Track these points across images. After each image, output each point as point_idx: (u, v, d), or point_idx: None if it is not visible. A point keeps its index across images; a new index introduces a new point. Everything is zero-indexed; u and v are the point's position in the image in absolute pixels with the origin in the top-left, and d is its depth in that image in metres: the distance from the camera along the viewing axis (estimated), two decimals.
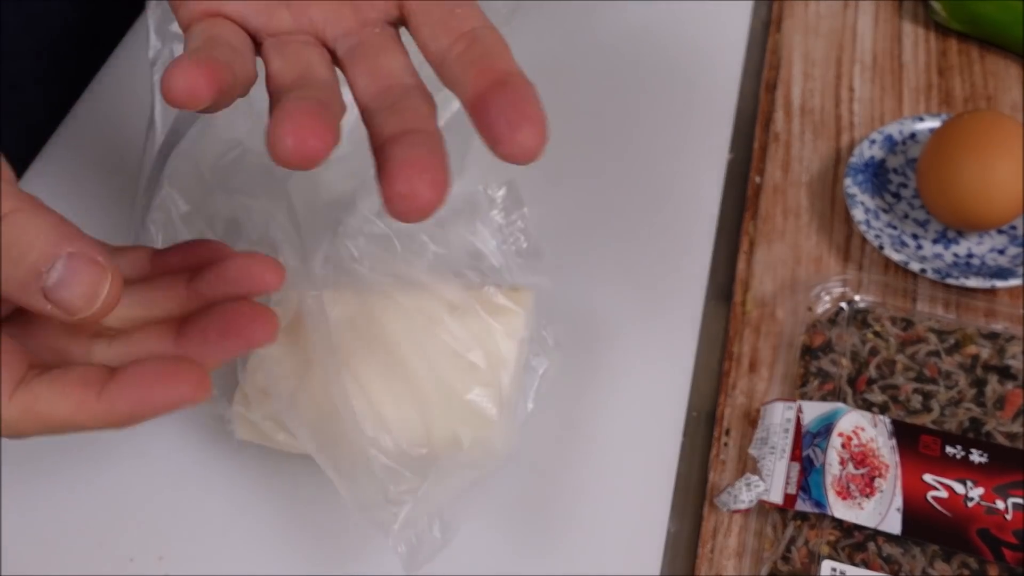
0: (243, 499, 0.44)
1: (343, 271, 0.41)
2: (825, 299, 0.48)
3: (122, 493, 0.45)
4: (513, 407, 0.41)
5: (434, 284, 0.41)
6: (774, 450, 0.43)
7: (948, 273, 0.48)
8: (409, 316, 0.41)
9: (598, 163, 0.56)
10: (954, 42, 0.60)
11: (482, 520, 0.43)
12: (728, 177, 0.55)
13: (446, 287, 0.41)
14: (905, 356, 0.46)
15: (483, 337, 0.41)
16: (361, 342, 0.40)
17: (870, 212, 0.51)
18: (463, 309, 0.41)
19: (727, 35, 0.61)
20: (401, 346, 0.40)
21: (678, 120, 0.57)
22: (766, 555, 0.41)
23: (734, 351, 0.48)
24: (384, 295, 0.41)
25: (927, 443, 0.42)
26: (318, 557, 0.43)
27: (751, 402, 0.46)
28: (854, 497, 0.41)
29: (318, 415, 0.39)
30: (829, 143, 0.56)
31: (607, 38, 0.62)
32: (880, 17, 0.62)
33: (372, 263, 0.41)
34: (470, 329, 0.41)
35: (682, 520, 0.43)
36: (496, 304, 0.42)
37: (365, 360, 0.39)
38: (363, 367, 0.39)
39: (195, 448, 0.46)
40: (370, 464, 0.37)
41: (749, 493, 0.41)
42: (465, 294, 0.41)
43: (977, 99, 0.57)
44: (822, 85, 0.59)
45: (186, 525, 0.44)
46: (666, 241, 0.52)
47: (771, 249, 0.52)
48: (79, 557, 0.43)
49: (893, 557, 0.40)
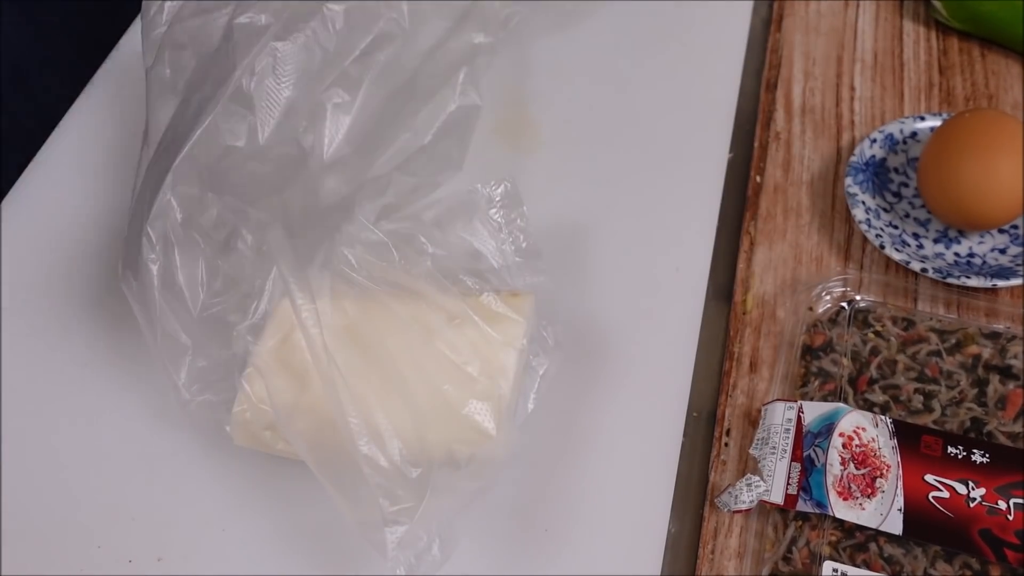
0: (242, 501, 0.44)
1: (340, 279, 0.41)
2: (826, 299, 0.48)
3: (122, 494, 0.45)
4: (513, 417, 0.41)
5: (432, 293, 0.41)
6: (775, 450, 0.42)
7: (949, 272, 0.48)
8: (406, 327, 0.40)
9: (598, 162, 0.56)
10: (955, 41, 0.60)
11: (482, 520, 0.43)
12: (728, 176, 0.55)
13: (444, 296, 0.41)
14: (906, 356, 0.46)
15: (481, 347, 0.40)
16: (358, 354, 0.39)
17: (871, 211, 0.51)
18: (461, 319, 0.41)
19: (727, 34, 0.61)
20: (398, 359, 0.39)
21: (678, 119, 0.57)
22: (767, 556, 0.41)
23: (735, 351, 0.48)
24: (381, 305, 0.41)
25: (928, 443, 0.42)
26: (317, 558, 0.43)
27: (752, 402, 0.46)
28: (855, 497, 0.41)
29: (316, 429, 0.38)
30: (830, 142, 0.56)
31: (607, 38, 0.62)
32: (881, 16, 0.62)
33: (370, 272, 0.41)
34: (468, 339, 0.40)
35: (683, 520, 0.43)
36: (495, 312, 0.42)
37: (361, 373, 0.38)
38: (359, 380, 0.38)
39: (194, 450, 0.46)
40: (367, 481, 0.36)
41: (750, 493, 0.41)
42: (463, 303, 0.41)
43: (978, 98, 0.57)
44: (823, 84, 0.58)
45: (185, 527, 0.44)
46: (666, 241, 0.52)
47: (772, 249, 0.51)
48: (79, 558, 0.43)
49: (895, 558, 0.40)
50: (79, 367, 0.49)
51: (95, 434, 0.47)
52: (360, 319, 0.40)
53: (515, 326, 0.41)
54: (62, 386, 0.48)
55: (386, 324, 0.40)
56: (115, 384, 0.48)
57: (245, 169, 0.43)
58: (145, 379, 0.48)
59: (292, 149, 0.43)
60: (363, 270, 0.41)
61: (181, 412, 0.42)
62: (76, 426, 0.47)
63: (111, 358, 0.49)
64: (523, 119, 0.58)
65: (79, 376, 0.49)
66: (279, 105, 0.43)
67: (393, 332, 0.40)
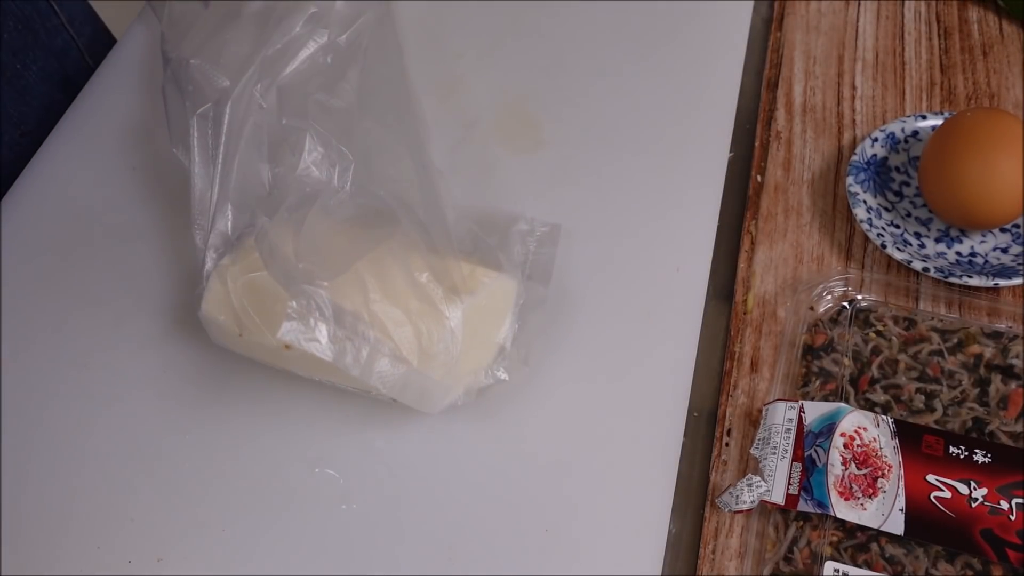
0: (242, 501, 0.44)
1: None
2: (827, 298, 0.48)
3: (122, 494, 0.45)
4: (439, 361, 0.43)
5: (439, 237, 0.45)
6: (776, 450, 0.42)
7: (951, 272, 0.48)
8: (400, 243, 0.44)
9: (599, 162, 0.55)
10: (956, 40, 0.60)
11: (482, 520, 0.43)
12: (729, 176, 0.55)
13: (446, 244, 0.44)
14: (908, 356, 0.46)
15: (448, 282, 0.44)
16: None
17: (872, 211, 0.51)
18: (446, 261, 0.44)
19: (728, 33, 0.61)
20: (385, 259, 0.43)
21: (679, 118, 0.57)
22: (768, 556, 0.41)
23: (735, 351, 0.48)
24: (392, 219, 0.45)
25: (930, 443, 0.42)
26: (317, 559, 0.43)
27: (752, 402, 0.46)
28: (857, 497, 0.41)
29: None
30: (831, 141, 0.56)
31: (607, 37, 0.62)
32: (882, 14, 0.62)
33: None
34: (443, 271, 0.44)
35: (683, 520, 0.43)
36: (477, 279, 0.44)
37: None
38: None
39: (195, 450, 0.46)
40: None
41: (751, 493, 0.41)
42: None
43: (980, 97, 0.57)
44: (824, 83, 0.58)
45: (185, 527, 0.44)
46: (667, 240, 0.52)
47: (772, 248, 0.51)
48: (79, 558, 0.43)
49: (896, 558, 0.40)
50: (79, 367, 0.49)
51: (95, 434, 0.47)
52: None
53: (495, 291, 0.45)
54: (62, 386, 0.48)
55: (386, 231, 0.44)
56: (115, 383, 0.48)
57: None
58: (145, 379, 0.48)
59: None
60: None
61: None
62: (76, 426, 0.47)
63: (111, 358, 0.49)
64: (523, 119, 0.58)
65: (79, 376, 0.49)
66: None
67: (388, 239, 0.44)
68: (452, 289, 0.44)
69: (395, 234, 0.44)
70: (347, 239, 0.44)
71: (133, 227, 0.54)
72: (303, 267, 0.40)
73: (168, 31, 0.52)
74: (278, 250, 0.41)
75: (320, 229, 0.43)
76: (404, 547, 0.43)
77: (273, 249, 0.41)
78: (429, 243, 0.44)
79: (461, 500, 0.44)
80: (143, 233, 0.54)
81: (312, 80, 0.49)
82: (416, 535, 0.43)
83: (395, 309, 0.43)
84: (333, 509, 0.44)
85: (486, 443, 0.45)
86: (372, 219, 0.45)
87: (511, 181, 0.54)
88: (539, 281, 0.47)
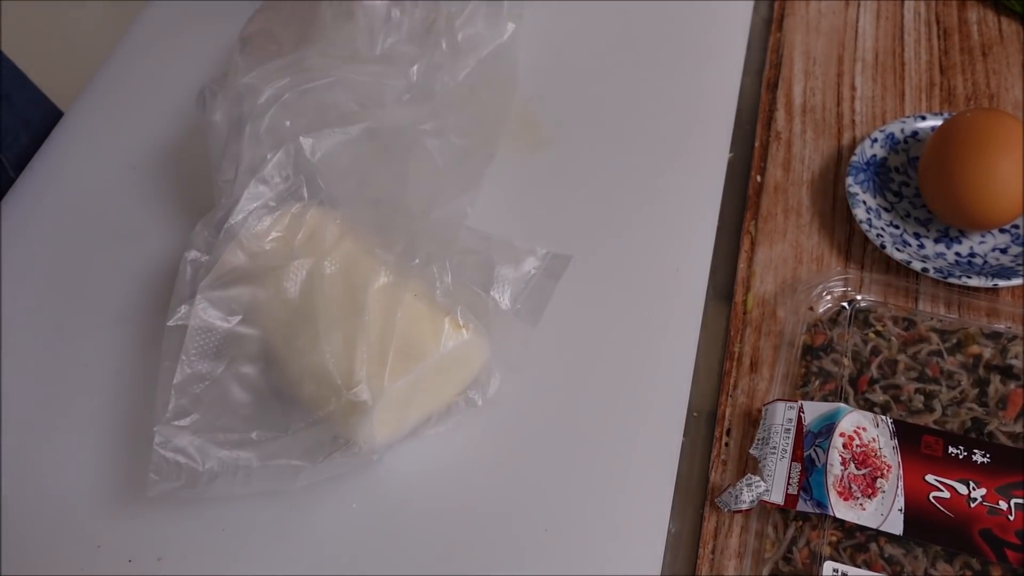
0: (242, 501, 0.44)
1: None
2: (826, 298, 0.48)
3: (122, 494, 0.45)
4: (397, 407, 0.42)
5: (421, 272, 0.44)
6: (775, 450, 0.42)
7: (950, 272, 0.48)
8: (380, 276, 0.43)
9: (599, 161, 0.56)
10: (956, 40, 0.60)
11: (483, 520, 0.43)
12: (729, 176, 0.55)
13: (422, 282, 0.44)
14: (907, 356, 0.46)
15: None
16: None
17: (872, 211, 0.51)
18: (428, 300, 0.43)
19: (728, 33, 0.61)
20: (357, 296, 0.43)
21: (679, 119, 0.57)
22: (767, 556, 0.41)
23: (735, 351, 0.48)
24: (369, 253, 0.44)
25: (929, 443, 0.42)
26: (317, 559, 0.43)
27: (752, 402, 0.46)
28: (856, 497, 0.41)
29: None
30: (830, 142, 0.56)
31: (607, 37, 0.62)
32: (882, 15, 0.62)
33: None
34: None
35: (683, 520, 0.43)
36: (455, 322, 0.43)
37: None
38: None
39: None
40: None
41: (750, 493, 0.41)
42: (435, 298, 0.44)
43: (979, 97, 0.57)
44: (823, 83, 0.58)
45: (185, 527, 0.44)
46: (666, 240, 0.52)
47: (772, 248, 0.51)
48: (79, 557, 0.43)
49: (895, 558, 0.40)
50: (79, 367, 0.49)
51: (95, 434, 0.47)
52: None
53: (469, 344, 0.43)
54: (62, 386, 0.49)
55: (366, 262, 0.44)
56: (115, 383, 0.48)
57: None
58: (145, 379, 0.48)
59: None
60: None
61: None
62: (76, 426, 0.47)
63: (111, 358, 0.49)
64: (523, 119, 0.58)
65: (79, 376, 0.49)
66: None
67: (369, 271, 0.44)
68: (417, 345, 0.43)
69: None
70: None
71: (133, 227, 0.54)
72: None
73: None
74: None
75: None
76: (404, 547, 0.43)
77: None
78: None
79: (461, 500, 0.44)
80: (143, 233, 0.54)
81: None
82: (416, 535, 0.43)
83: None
84: (334, 509, 0.44)
85: (486, 443, 0.45)
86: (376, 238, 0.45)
87: (511, 181, 0.54)
88: (527, 320, 0.45)
